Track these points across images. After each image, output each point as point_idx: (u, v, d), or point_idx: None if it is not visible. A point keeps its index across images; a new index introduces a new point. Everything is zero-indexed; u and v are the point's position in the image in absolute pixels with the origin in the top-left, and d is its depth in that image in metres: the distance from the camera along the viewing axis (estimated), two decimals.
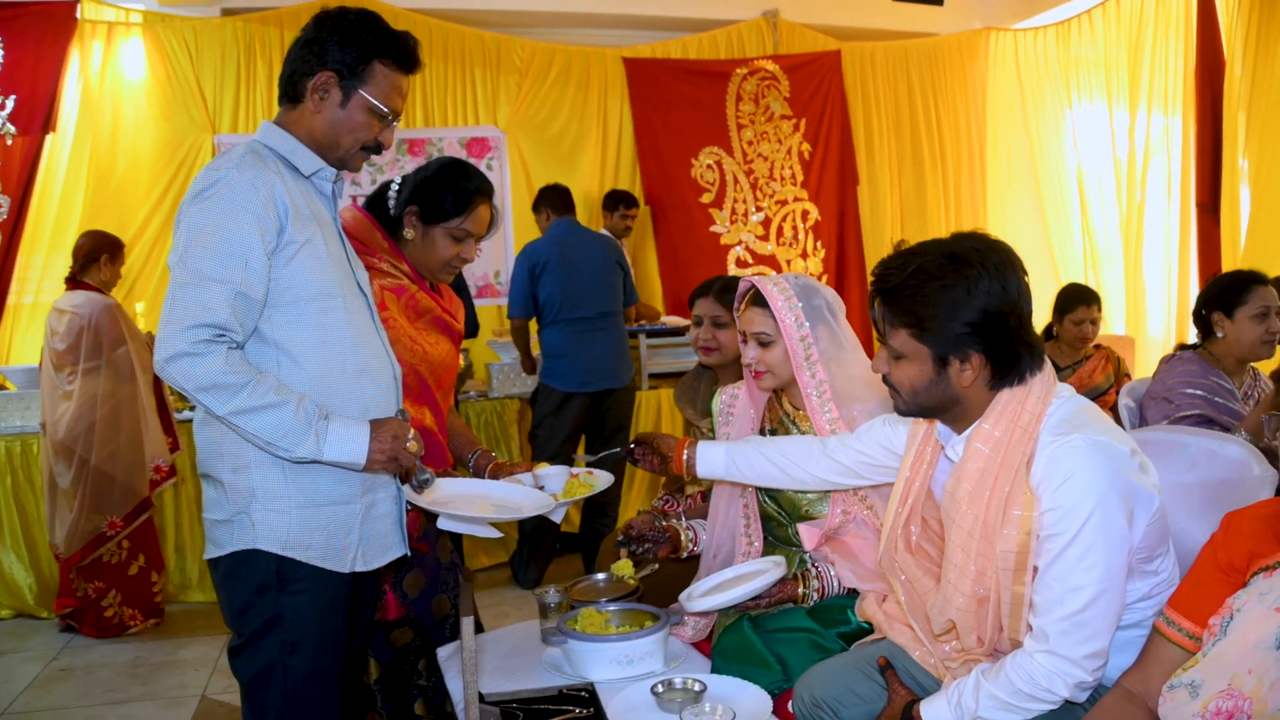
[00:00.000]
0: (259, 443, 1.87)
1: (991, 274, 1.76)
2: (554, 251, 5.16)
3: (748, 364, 2.44)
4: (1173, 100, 6.49)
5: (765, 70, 7.12)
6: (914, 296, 1.78)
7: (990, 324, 1.75)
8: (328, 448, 1.89)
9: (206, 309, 1.81)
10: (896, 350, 1.84)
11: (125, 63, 6.00)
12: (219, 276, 1.83)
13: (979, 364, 1.78)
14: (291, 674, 1.99)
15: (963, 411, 1.84)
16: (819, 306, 2.36)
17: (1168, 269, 6.60)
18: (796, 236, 7.19)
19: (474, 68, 6.65)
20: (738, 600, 2.21)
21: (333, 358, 1.98)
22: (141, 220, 5.94)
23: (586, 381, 5.17)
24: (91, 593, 4.63)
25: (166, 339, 1.82)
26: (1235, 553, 1.57)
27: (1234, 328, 3.26)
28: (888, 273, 1.84)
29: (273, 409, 1.84)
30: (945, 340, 1.77)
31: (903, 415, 1.94)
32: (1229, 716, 1.38)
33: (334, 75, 1.99)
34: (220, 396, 1.81)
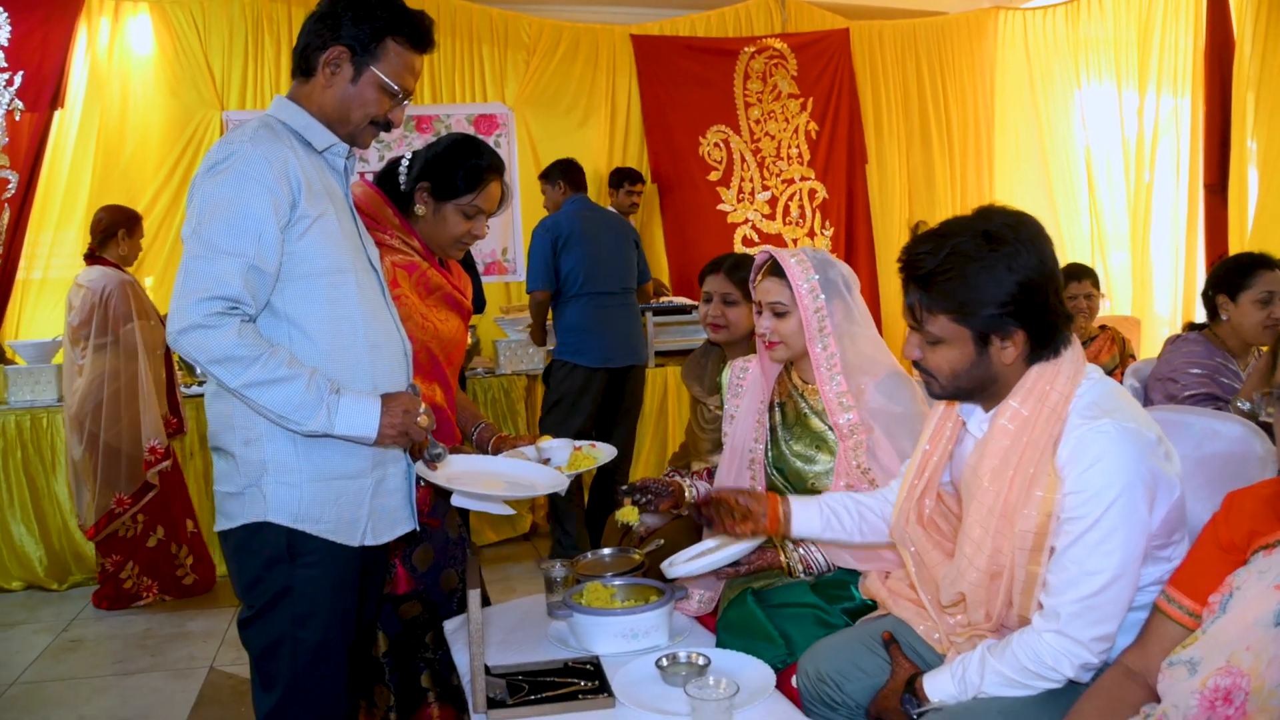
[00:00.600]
0: (271, 416, 1.88)
1: (1027, 247, 1.74)
2: (576, 225, 5.07)
3: (761, 334, 2.45)
4: (1181, 81, 6.47)
5: (773, 49, 7.10)
6: (952, 280, 1.75)
7: (1029, 298, 1.74)
8: (339, 421, 1.89)
9: (219, 281, 1.82)
10: (935, 336, 1.80)
11: (133, 38, 6.00)
12: (232, 249, 1.84)
13: (1021, 340, 1.76)
14: (301, 646, 2.00)
15: (996, 390, 1.83)
16: (835, 280, 2.38)
17: (1175, 250, 6.59)
18: (803, 215, 7.18)
19: (482, 44, 6.64)
20: (715, 566, 2.23)
21: (344, 333, 1.99)
22: (150, 196, 5.94)
23: (611, 357, 5.09)
24: (109, 566, 4.68)
25: (179, 311, 1.82)
26: (1236, 531, 1.57)
27: (1237, 311, 3.26)
28: (920, 257, 1.80)
29: (285, 382, 1.84)
30: (987, 320, 1.75)
31: (936, 398, 1.93)
32: (1227, 693, 1.39)
33: (346, 50, 1.99)
34: (233, 369, 1.82)
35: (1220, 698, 1.39)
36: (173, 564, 4.80)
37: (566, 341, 5.10)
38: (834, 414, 2.34)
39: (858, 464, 2.31)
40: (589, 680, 2.02)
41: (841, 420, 2.33)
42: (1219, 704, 1.39)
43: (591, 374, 5.05)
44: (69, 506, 5.01)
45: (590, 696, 1.95)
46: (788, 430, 2.49)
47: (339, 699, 2.09)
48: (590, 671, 2.07)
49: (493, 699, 1.93)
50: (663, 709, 1.88)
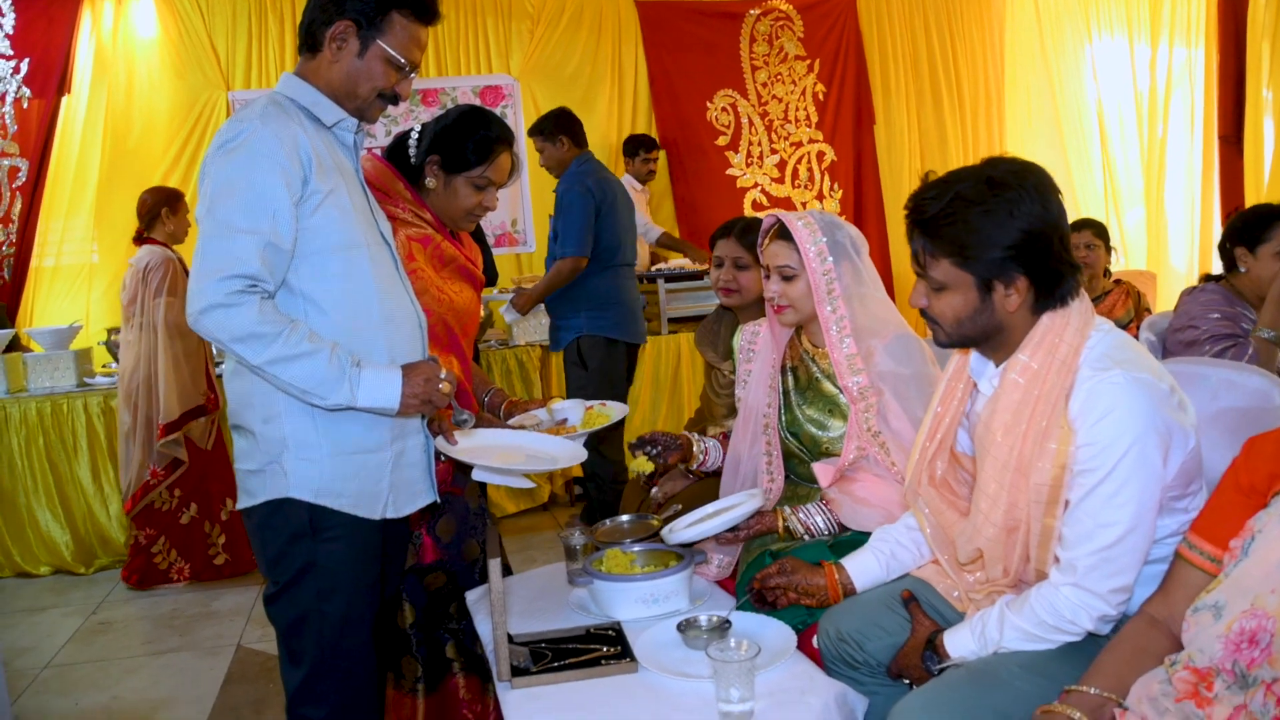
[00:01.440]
0: (294, 391, 1.88)
1: (1031, 195, 1.74)
2: (609, 191, 4.73)
3: (770, 298, 2.44)
4: (1194, 31, 6.38)
5: (779, 11, 7.04)
6: (954, 224, 1.76)
7: (1033, 245, 1.74)
8: (361, 394, 1.90)
9: (237, 260, 1.83)
10: (938, 281, 1.81)
11: (137, 22, 6.00)
12: (248, 227, 1.84)
13: (1024, 287, 1.76)
14: (327, 620, 2.03)
15: (1004, 340, 1.82)
16: (842, 242, 2.37)
17: (1190, 203, 6.53)
18: (812, 178, 7.15)
19: (486, 16, 6.62)
20: (716, 531, 2.26)
21: (358, 307, 1.99)
22: (159, 178, 5.95)
23: (638, 331, 4.87)
24: (142, 539, 4.74)
25: (199, 291, 1.83)
26: (1256, 474, 1.56)
27: (1256, 263, 3.23)
28: (924, 203, 1.81)
29: (307, 357, 1.85)
30: (989, 265, 1.75)
31: (943, 347, 1.93)
32: (1252, 635, 1.38)
33: (352, 24, 1.99)
34: (255, 346, 1.83)
35: (1246, 640, 1.39)
36: (205, 543, 4.84)
37: (602, 316, 4.73)
38: (843, 377, 2.34)
39: (868, 427, 2.31)
40: (611, 646, 2.04)
41: (851, 383, 2.32)
42: (1244, 646, 1.39)
43: (627, 349, 4.85)
44: (93, 491, 5.06)
45: (613, 662, 1.97)
46: (800, 394, 2.49)
47: (366, 671, 2.11)
48: (612, 637, 2.08)
49: (516, 667, 1.95)
50: (685, 672, 1.89)
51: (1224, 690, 1.40)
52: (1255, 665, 1.37)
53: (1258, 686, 1.36)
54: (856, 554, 2.13)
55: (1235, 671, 1.39)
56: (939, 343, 1.91)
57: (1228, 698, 1.39)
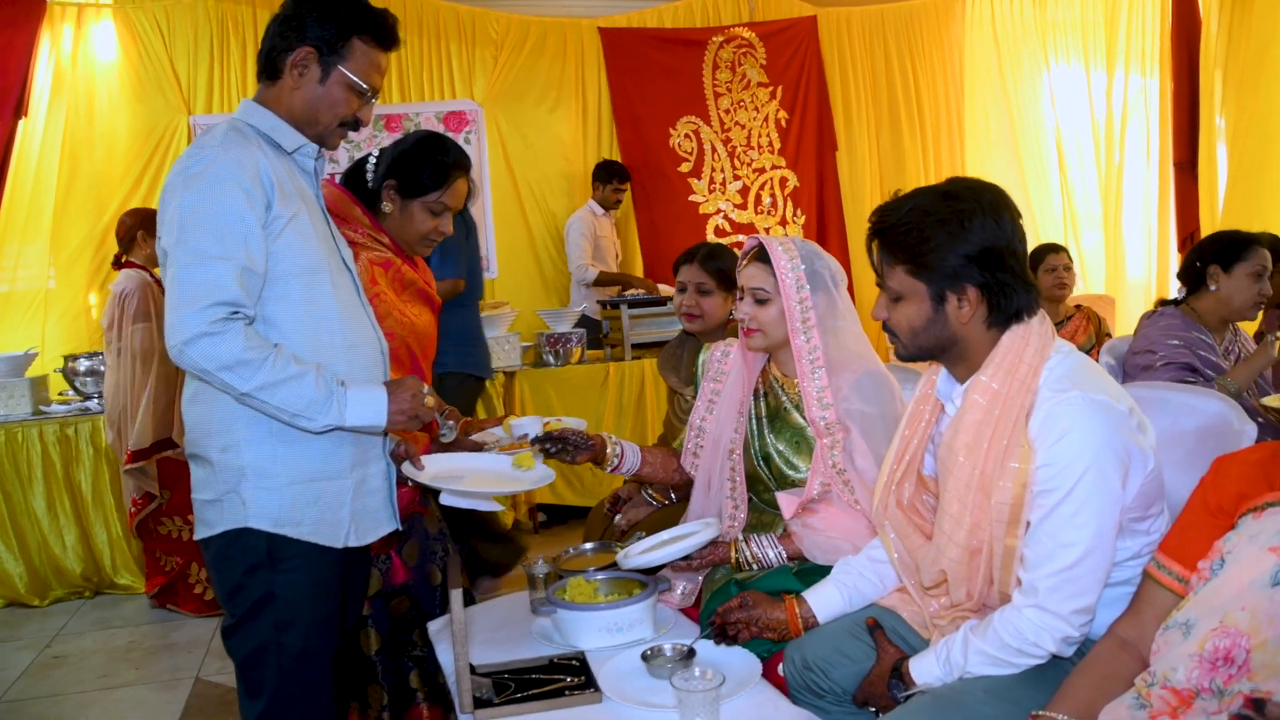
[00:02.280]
0: (283, 416, 1.87)
1: (986, 210, 1.78)
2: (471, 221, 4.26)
3: (740, 319, 2.44)
4: (1149, 60, 6.51)
5: (741, 38, 7.10)
6: (910, 233, 1.80)
7: (985, 259, 1.77)
8: (350, 413, 1.90)
9: (217, 287, 1.81)
10: (895, 291, 1.85)
11: (96, 45, 5.95)
12: (222, 254, 1.82)
13: (975, 299, 1.79)
14: (285, 652, 1.99)
15: (961, 353, 1.85)
16: (821, 272, 2.37)
17: (1147, 228, 6.64)
18: (775, 204, 7.19)
19: (449, 41, 6.62)
20: (668, 560, 2.27)
21: (321, 332, 1.98)
22: (118, 204, 5.89)
23: (490, 367, 4.70)
24: (174, 566, 4.70)
25: (180, 322, 1.80)
26: (1224, 495, 1.57)
27: (1229, 283, 3.27)
28: (885, 214, 1.86)
29: (295, 380, 1.84)
30: (942, 275, 1.79)
31: (903, 360, 1.95)
32: (1227, 654, 1.39)
33: (313, 51, 1.98)
34: (243, 373, 1.81)
35: (1221, 658, 1.39)
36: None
37: (470, 353, 4.47)
38: (811, 409, 2.33)
39: (834, 464, 2.30)
40: (575, 676, 2.02)
41: (819, 416, 2.32)
42: (1220, 664, 1.39)
43: (478, 385, 4.65)
44: (48, 522, 4.95)
45: (577, 692, 1.95)
46: (770, 423, 2.48)
47: (325, 704, 2.08)
48: (576, 667, 2.06)
49: (479, 698, 1.93)
50: (649, 701, 1.88)
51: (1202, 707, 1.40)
52: (1233, 681, 1.38)
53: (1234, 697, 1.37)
54: (818, 586, 2.12)
55: (1213, 689, 1.40)
56: (899, 356, 1.94)
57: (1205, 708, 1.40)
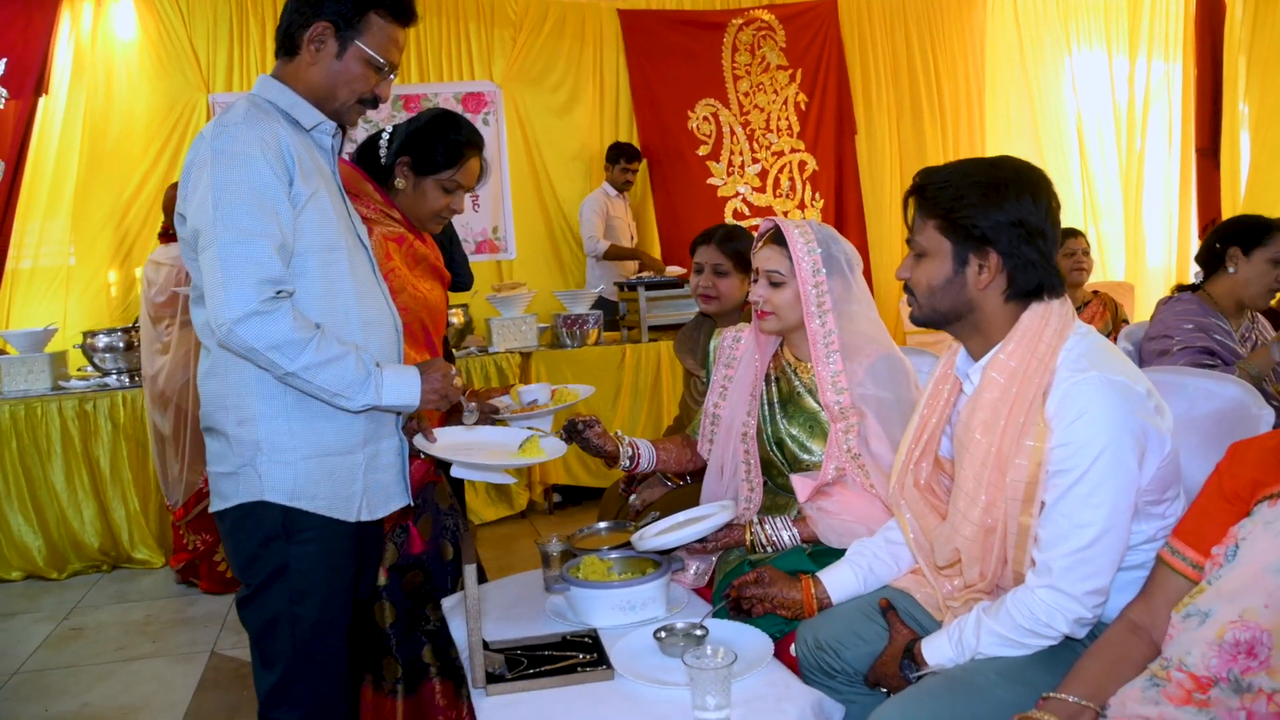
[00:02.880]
0: (324, 395, 1.90)
1: (1025, 186, 1.80)
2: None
3: (754, 301, 2.43)
4: (1172, 45, 6.45)
5: (761, 20, 7.06)
6: (947, 189, 1.83)
7: (1014, 230, 1.78)
8: (386, 393, 1.94)
9: (262, 264, 1.82)
10: (921, 247, 1.87)
11: (117, 23, 5.97)
12: (261, 230, 1.84)
13: (995, 267, 1.80)
14: (300, 623, 2.01)
15: (975, 324, 1.85)
16: (837, 256, 2.37)
17: (1167, 215, 6.59)
18: (794, 188, 7.17)
19: (468, 22, 6.61)
20: (684, 541, 2.27)
21: (338, 310, 1.99)
22: (138, 181, 5.93)
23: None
24: (199, 545, 4.69)
25: (231, 300, 1.80)
26: (1240, 481, 1.56)
27: (1248, 266, 3.26)
28: (928, 173, 1.89)
29: (337, 361, 1.87)
30: (969, 236, 1.80)
31: (917, 323, 1.95)
32: (1249, 647, 1.38)
33: (330, 26, 1.98)
34: (290, 353, 1.83)
35: (1243, 651, 1.39)
36: None
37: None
38: (826, 394, 2.33)
39: (848, 448, 2.30)
40: (587, 653, 2.02)
41: (833, 401, 2.31)
42: (1241, 656, 1.39)
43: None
44: (66, 496, 5.00)
45: (589, 669, 1.95)
46: (783, 407, 2.48)
47: (339, 675, 2.09)
48: (588, 644, 2.07)
49: (491, 674, 1.93)
50: (661, 679, 1.88)
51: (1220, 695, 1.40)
52: (1251, 673, 1.38)
53: (1256, 694, 1.36)
54: (833, 567, 2.12)
55: (1230, 679, 1.39)
56: (913, 317, 1.94)
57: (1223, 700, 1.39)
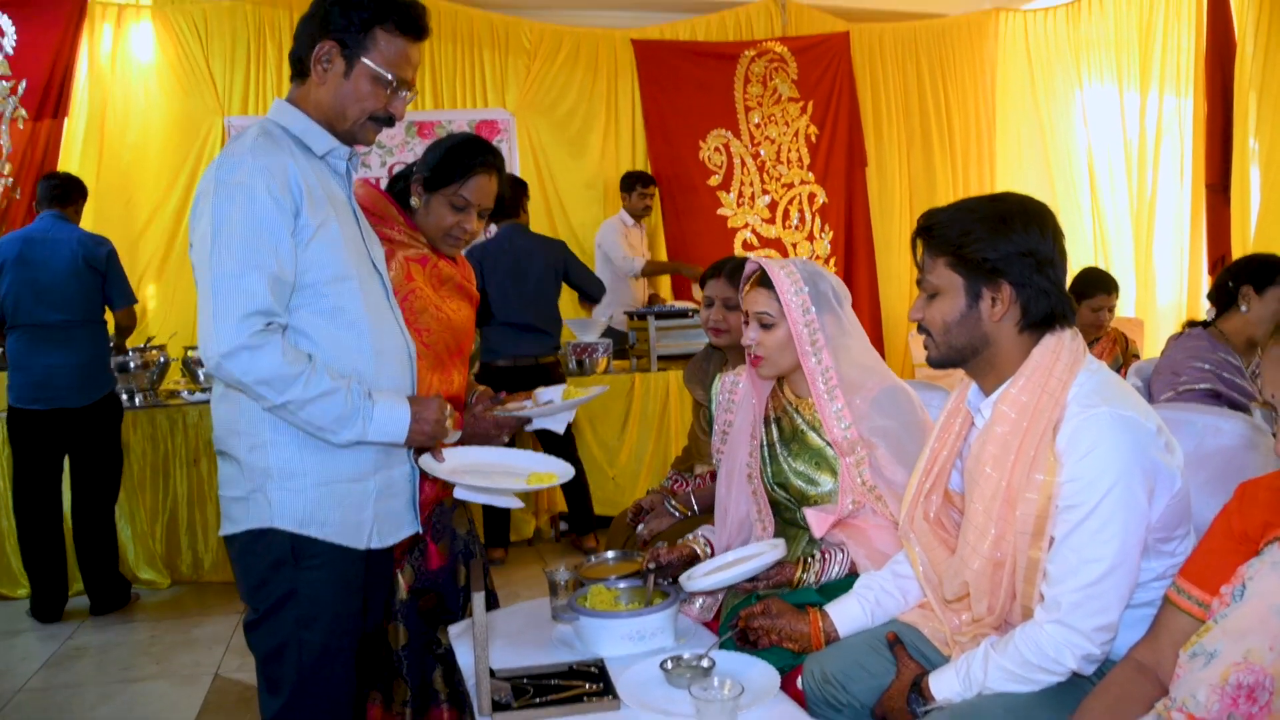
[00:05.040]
0: (309, 429, 1.90)
1: (1031, 219, 1.83)
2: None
3: (747, 345, 2.44)
4: (1183, 81, 6.46)
5: (773, 52, 7.11)
6: (954, 226, 1.85)
7: (1024, 260, 1.81)
8: (372, 430, 1.94)
9: (253, 297, 1.82)
10: (933, 286, 1.88)
11: (135, 46, 6.03)
12: (255, 263, 1.84)
13: (1009, 297, 1.81)
14: (306, 649, 2.00)
15: (991, 359, 1.86)
16: (825, 292, 2.37)
17: (1178, 250, 6.59)
18: (803, 219, 7.19)
19: (483, 49, 6.66)
20: (735, 581, 2.24)
21: (349, 340, 1.99)
22: (154, 203, 5.98)
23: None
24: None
25: (220, 334, 1.82)
26: (1250, 522, 1.56)
27: (1261, 305, 3.26)
28: (933, 213, 1.92)
29: (326, 397, 1.87)
30: (980, 270, 1.82)
31: (934, 365, 1.95)
32: (1250, 691, 1.38)
33: (336, 44, 1.97)
34: (277, 387, 1.84)
35: (1244, 695, 1.38)
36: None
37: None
38: (831, 430, 2.32)
39: (861, 480, 2.30)
40: (594, 683, 2.02)
41: (840, 436, 2.32)
42: (1242, 701, 1.38)
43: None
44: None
45: (595, 699, 1.95)
46: (785, 446, 2.47)
47: (345, 701, 2.09)
48: (595, 674, 2.06)
49: (497, 702, 1.93)
50: (668, 710, 1.88)
51: None
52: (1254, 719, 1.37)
53: None
54: (841, 600, 2.12)
55: None
56: (930, 360, 1.95)
57: None
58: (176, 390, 5.41)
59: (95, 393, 4.61)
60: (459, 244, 2.57)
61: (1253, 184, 5.92)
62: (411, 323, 2.30)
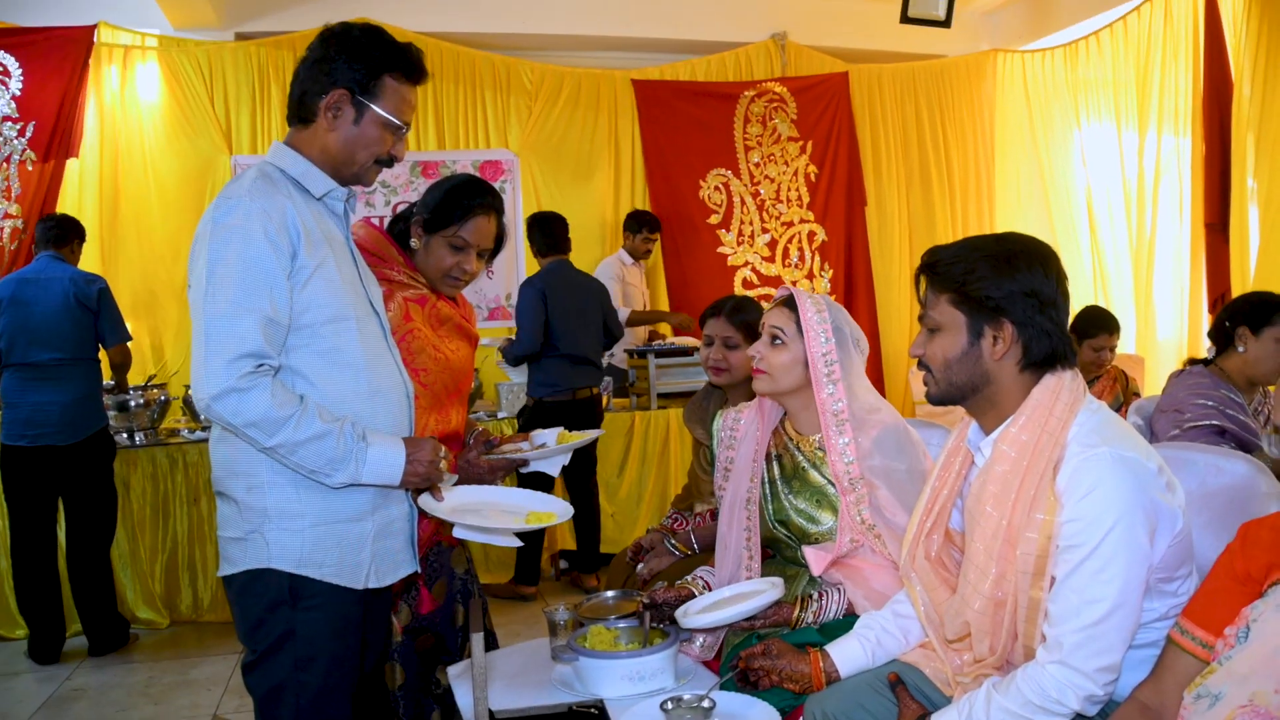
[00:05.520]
0: (303, 471, 1.91)
1: (1035, 259, 1.84)
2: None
3: (752, 355, 2.45)
4: (1181, 121, 6.50)
5: (773, 92, 7.16)
6: (958, 264, 1.86)
7: (1028, 300, 1.81)
8: (366, 472, 1.94)
9: (243, 339, 1.83)
10: (935, 322, 1.89)
11: (141, 86, 6.08)
12: (248, 305, 1.85)
13: (1010, 336, 1.82)
14: (304, 690, 1.99)
15: (991, 397, 1.86)
16: (845, 330, 2.40)
17: (1178, 289, 6.59)
18: (803, 258, 7.21)
19: (485, 90, 6.71)
20: (732, 620, 2.22)
21: (345, 380, 2.00)
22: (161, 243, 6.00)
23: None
24: None
25: (210, 376, 1.83)
26: (1253, 563, 1.56)
27: (1257, 345, 3.26)
28: (937, 250, 1.93)
29: (317, 440, 1.87)
30: (983, 308, 1.82)
31: (933, 402, 1.95)
32: None
33: (346, 93, 2.01)
34: (268, 430, 1.84)
35: None
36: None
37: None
38: (835, 465, 2.32)
39: (861, 519, 2.30)
40: None
41: (842, 472, 2.31)
42: None
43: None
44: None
45: None
46: (786, 483, 2.47)
47: None
48: (595, 715, 2.06)
49: None
50: None
51: None
52: None
53: None
54: (842, 640, 2.11)
55: None
56: (929, 396, 1.94)
57: None
58: (177, 429, 5.42)
59: (84, 430, 4.61)
60: (458, 285, 2.58)
61: (1251, 223, 5.94)
62: (409, 363, 2.31)
